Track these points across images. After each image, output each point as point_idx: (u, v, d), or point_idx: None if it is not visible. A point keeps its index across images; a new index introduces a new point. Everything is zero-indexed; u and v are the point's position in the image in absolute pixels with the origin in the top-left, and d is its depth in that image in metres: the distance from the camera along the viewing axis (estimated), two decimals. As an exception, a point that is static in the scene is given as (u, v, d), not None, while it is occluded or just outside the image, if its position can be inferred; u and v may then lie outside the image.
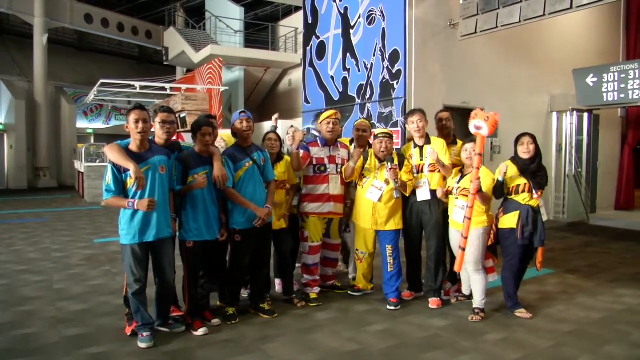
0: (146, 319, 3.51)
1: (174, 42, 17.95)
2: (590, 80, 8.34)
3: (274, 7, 19.42)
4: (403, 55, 7.70)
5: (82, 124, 22.64)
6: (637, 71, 7.82)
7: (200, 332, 3.64)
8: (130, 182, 3.32)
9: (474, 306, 4.10)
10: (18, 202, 13.50)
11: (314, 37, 10.02)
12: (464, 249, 3.92)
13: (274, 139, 4.39)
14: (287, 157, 4.49)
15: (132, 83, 13.29)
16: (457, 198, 4.09)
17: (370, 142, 4.67)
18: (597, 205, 10.54)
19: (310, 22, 10.18)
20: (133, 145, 3.45)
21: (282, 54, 15.89)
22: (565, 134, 9.88)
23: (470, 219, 3.85)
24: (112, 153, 3.33)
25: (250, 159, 3.96)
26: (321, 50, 9.81)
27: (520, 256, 4.10)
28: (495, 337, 3.68)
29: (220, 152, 3.94)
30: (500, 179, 4.03)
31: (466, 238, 3.90)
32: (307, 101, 10.27)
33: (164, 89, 14.21)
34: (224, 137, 4.30)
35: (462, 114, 6.31)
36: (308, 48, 10.23)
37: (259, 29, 17.78)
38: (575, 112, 9.66)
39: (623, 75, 7.92)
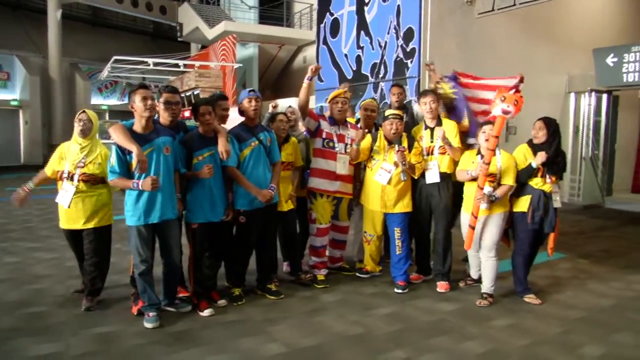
0: (152, 299, 3.54)
1: (188, 17, 17.80)
2: (610, 60, 8.07)
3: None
4: (418, 34, 7.52)
5: (96, 100, 22.69)
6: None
7: (206, 312, 3.66)
8: (134, 164, 3.31)
9: (483, 291, 4.06)
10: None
11: (327, 13, 9.83)
12: (473, 228, 3.89)
13: (284, 120, 4.32)
14: (294, 139, 4.44)
15: (145, 60, 13.24)
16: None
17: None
18: (613, 188, 10.34)
19: (324, -2, 9.98)
20: (137, 126, 3.42)
21: (296, 31, 15.67)
22: (582, 115, 9.63)
23: (480, 199, 3.80)
24: (116, 134, 3.31)
25: (256, 139, 3.91)
26: (335, 27, 9.64)
27: (531, 240, 4.03)
28: (502, 322, 3.65)
29: (225, 130, 3.89)
30: (534, 165, 3.90)
31: (476, 217, 3.86)
32: (320, 79, 10.13)
33: (177, 65, 14.13)
34: (91, 116, 3.81)
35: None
36: (322, 25, 10.05)
37: (274, 5, 17.53)
38: (594, 93, 9.39)
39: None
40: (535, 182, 3.95)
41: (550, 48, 9.14)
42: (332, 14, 9.69)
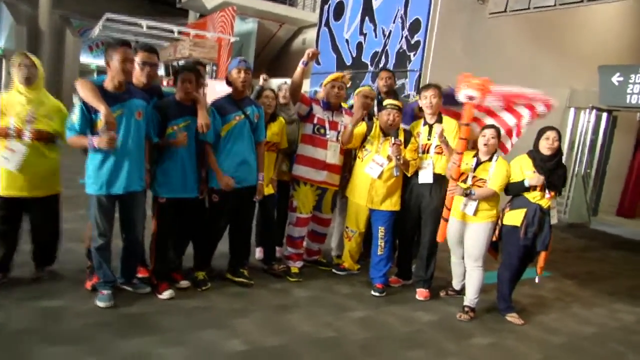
0: (108, 275, 3.21)
1: (189, -16, 17.20)
2: (615, 79, 7.86)
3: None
4: (424, 26, 7.20)
5: (86, 58, 21.95)
6: (667, 75, 7.37)
7: (166, 295, 3.36)
8: (100, 125, 2.95)
9: (465, 303, 3.81)
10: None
11: (333, -5, 9.45)
12: (446, 220, 3.70)
13: (271, 96, 4.01)
14: (281, 118, 4.12)
15: (138, 21, 12.71)
16: (469, 187, 3.73)
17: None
18: (599, 209, 10.23)
19: (330, -21, 9.59)
20: (109, 84, 3.05)
21: (299, 11, 15.23)
22: (580, 132, 9.45)
23: (453, 191, 3.68)
24: (82, 90, 2.94)
25: (242, 112, 3.58)
26: (339, 10, 9.26)
27: (520, 257, 3.79)
28: (482, 341, 3.41)
29: (205, 100, 3.55)
30: (527, 184, 3.65)
31: (449, 209, 3.69)
32: (317, 62, 9.75)
33: (171, 31, 13.61)
34: (35, 61, 3.25)
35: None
36: (326, 6, 9.66)
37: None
38: (594, 110, 9.20)
39: (652, 78, 7.46)
40: (533, 196, 3.69)
41: (556, 59, 8.91)
42: (338, -4, 9.31)
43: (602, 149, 9.60)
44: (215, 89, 5.05)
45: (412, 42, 7.37)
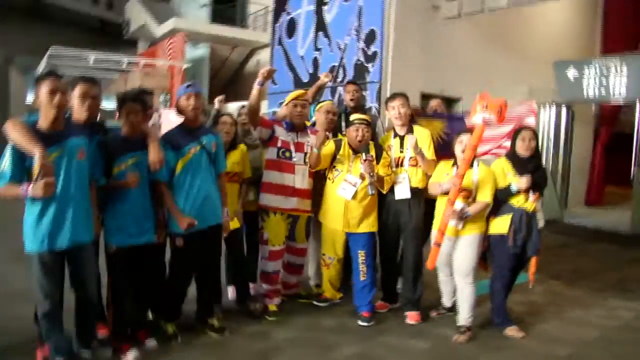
0: (61, 343, 2.77)
1: (136, 13, 16.82)
2: (571, 74, 7.91)
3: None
4: (380, 36, 7.08)
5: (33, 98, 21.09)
6: (618, 66, 7.43)
7: (129, 357, 2.95)
8: (36, 172, 2.56)
9: (459, 323, 3.54)
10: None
11: (284, 13, 9.27)
12: (439, 245, 3.35)
13: (229, 122, 3.70)
14: (242, 146, 3.81)
15: (85, 54, 12.22)
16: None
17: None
18: (568, 202, 10.28)
19: (280, -4, 9.41)
20: (43, 122, 2.66)
21: (250, 32, 14.97)
22: (542, 128, 9.48)
23: (449, 216, 3.31)
24: (12, 132, 2.55)
25: (197, 143, 3.24)
26: (291, 27, 9.07)
27: (512, 266, 3.58)
28: (485, 364, 3.15)
29: (156, 133, 3.21)
30: (514, 188, 3.43)
31: (443, 233, 3.33)
32: (274, 82, 9.52)
33: (120, 62, 13.13)
34: None
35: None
36: (277, 25, 9.47)
37: (227, 5, 16.77)
38: (554, 106, 9.26)
39: (604, 70, 7.52)
40: (517, 200, 3.48)
41: (513, 58, 8.97)
42: (288, 13, 9.13)
43: (565, 143, 9.66)
44: (170, 119, 4.71)
45: (369, 53, 7.22)
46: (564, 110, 9.48)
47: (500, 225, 3.52)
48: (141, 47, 19.03)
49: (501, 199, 3.53)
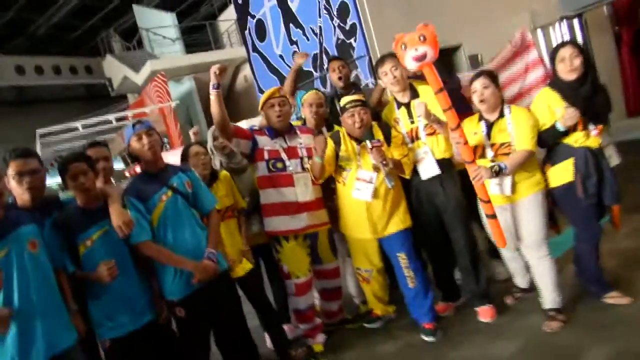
0: None
1: (115, 69, 16.52)
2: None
3: (208, 7, 17.97)
4: (353, 6, 6.36)
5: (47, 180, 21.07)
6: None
7: None
8: None
9: (545, 307, 2.82)
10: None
11: (249, 17, 8.65)
12: (493, 216, 2.67)
13: (201, 152, 3.08)
14: (224, 173, 3.18)
15: (73, 125, 11.93)
16: (493, 161, 2.77)
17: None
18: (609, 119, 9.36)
19: (240, 1, 8.78)
20: None
21: (228, 51, 14.47)
22: (557, 49, 8.60)
23: (477, 177, 2.62)
24: None
25: (167, 188, 2.62)
26: (260, 30, 8.44)
27: (589, 218, 2.82)
28: (598, 353, 2.41)
29: (117, 191, 2.61)
30: (560, 127, 2.69)
31: (488, 202, 2.65)
32: (261, 91, 8.89)
33: (109, 122, 12.75)
34: None
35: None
36: (246, 32, 8.86)
37: (198, 32, 16.31)
38: (565, 21, 8.36)
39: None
40: (575, 139, 2.73)
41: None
42: (253, 17, 8.50)
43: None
44: (171, 162, 4.20)
45: (347, 28, 6.52)
46: (576, 23, 8.57)
47: (562, 174, 2.78)
48: (131, 99, 18.75)
49: (549, 143, 2.80)
